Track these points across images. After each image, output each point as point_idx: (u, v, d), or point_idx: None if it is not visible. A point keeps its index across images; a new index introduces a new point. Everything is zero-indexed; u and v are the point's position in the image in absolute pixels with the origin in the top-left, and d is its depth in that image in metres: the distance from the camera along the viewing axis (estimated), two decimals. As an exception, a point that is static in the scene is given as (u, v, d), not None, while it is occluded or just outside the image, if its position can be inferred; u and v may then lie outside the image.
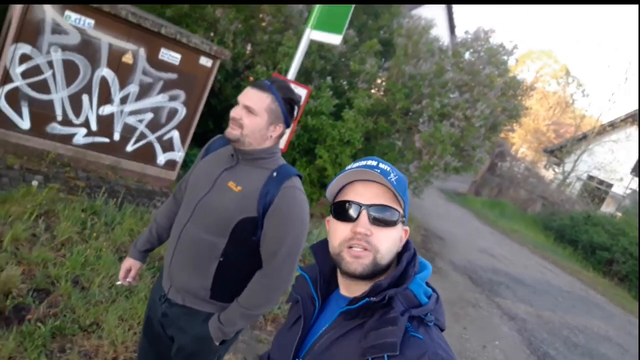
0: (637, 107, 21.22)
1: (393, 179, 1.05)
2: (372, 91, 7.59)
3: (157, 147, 5.36)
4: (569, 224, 14.87)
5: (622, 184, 20.27)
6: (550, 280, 10.07)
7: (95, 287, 3.19)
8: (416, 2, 12.95)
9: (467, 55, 7.66)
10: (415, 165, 7.11)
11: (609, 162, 20.16)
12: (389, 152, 7.27)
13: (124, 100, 4.97)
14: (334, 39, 3.44)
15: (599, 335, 7.54)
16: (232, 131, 1.72)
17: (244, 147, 1.74)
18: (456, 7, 25.66)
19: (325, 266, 1.15)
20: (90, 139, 4.95)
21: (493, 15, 64.97)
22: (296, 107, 1.80)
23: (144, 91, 5.02)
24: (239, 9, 7.17)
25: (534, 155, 29.58)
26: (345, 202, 1.07)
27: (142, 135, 5.22)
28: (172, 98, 5.23)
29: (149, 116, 5.17)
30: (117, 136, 5.09)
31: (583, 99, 34.64)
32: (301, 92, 3.84)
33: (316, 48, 6.97)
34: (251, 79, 7.33)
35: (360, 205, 1.04)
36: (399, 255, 1.09)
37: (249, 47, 7.56)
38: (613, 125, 21.48)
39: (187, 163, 6.18)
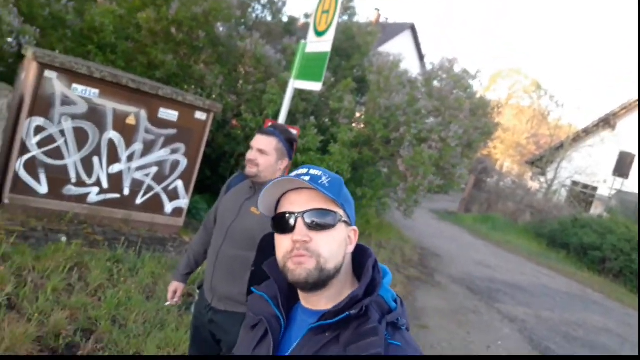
0: (606, 112, 22.18)
1: (325, 182, 1.06)
2: (353, 125, 8.20)
3: (164, 197, 5.82)
4: (558, 228, 15.39)
5: (607, 186, 20.94)
6: (546, 283, 10.48)
7: (131, 323, 3.60)
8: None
9: (435, 83, 8.32)
10: (402, 187, 7.64)
11: (588, 166, 20.89)
12: (375, 178, 7.82)
13: (130, 158, 5.46)
14: (315, 86, 3.99)
15: (598, 328, 7.93)
16: (250, 170, 2.24)
17: (260, 180, 2.26)
18: (423, 38, 26.69)
19: (282, 282, 1.13)
20: (102, 197, 5.41)
21: (460, 41, 67.24)
22: (295, 144, 2.33)
23: (148, 148, 5.53)
24: (222, 64, 7.80)
25: (519, 168, 30.34)
26: (281, 214, 1.08)
27: (150, 188, 5.69)
28: (174, 151, 5.73)
29: (154, 170, 5.65)
30: (126, 191, 5.55)
31: (557, 109, 35.77)
32: (292, 132, 4.38)
33: (298, 92, 7.58)
34: (234, 123, 7.87)
35: (294, 213, 1.05)
36: (361, 263, 1.10)
37: (235, 98, 8.15)
38: (587, 131, 22.36)
39: (190, 210, 6.64)
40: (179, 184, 5.88)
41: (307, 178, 1.05)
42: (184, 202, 5.97)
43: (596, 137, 21.64)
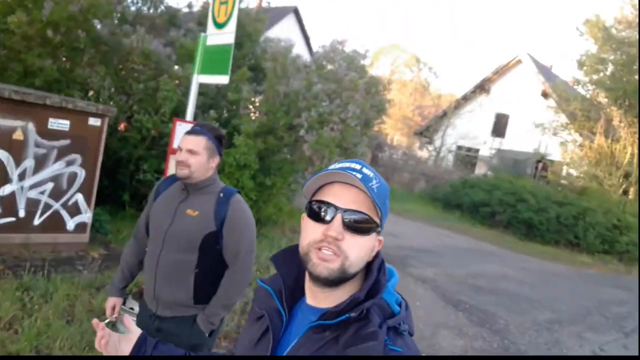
0: (482, 78, 24.08)
1: (374, 186, 1.02)
2: (255, 114, 8.17)
3: (65, 214, 5.44)
4: (450, 191, 16.60)
5: (487, 147, 22.83)
6: (447, 243, 11.31)
7: (57, 350, 3.39)
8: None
9: (329, 66, 8.51)
10: (310, 172, 7.79)
11: (470, 130, 22.62)
12: (283, 166, 7.88)
13: (22, 177, 5.02)
14: (222, 79, 3.94)
15: (498, 276, 8.76)
16: (182, 172, 2.21)
17: (192, 181, 2.23)
18: (306, 21, 26.97)
19: (288, 276, 1.12)
20: (-4, 222, 4.94)
21: (342, 22, 68.84)
22: (223, 140, 2.32)
23: (40, 163, 5.12)
24: (107, 64, 7.36)
25: (408, 140, 32.04)
26: (321, 202, 1.04)
27: (47, 206, 5.29)
28: (69, 163, 5.36)
29: (49, 186, 5.25)
30: (22, 213, 5.12)
31: (436, 80, 38.14)
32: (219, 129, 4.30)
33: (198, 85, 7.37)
34: (122, 127, 7.53)
35: (336, 208, 1.01)
36: (368, 264, 1.08)
37: (125, 99, 7.74)
38: (466, 98, 24.15)
39: (93, 224, 6.26)
40: (79, 197, 5.53)
41: (359, 176, 1.01)
42: (86, 216, 5.63)
43: (474, 103, 23.45)
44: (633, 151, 15.58)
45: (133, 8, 9.08)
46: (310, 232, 1.03)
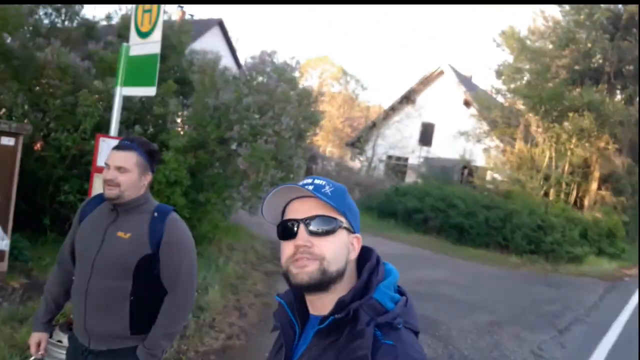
0: (407, 89, 24.80)
1: (327, 191, 1.11)
2: (184, 129, 7.85)
3: (-24, 243, 4.91)
4: (384, 200, 16.82)
5: (415, 155, 23.48)
6: (384, 250, 11.18)
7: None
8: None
9: (259, 78, 8.36)
10: (245, 186, 7.56)
11: (399, 140, 23.19)
12: (217, 181, 7.60)
13: None
14: (148, 91, 3.69)
15: (437, 280, 8.89)
16: (111, 192, 1.98)
17: (124, 200, 2.00)
18: (232, 33, 26.72)
19: (299, 290, 1.16)
20: None
21: (268, 34, 68.97)
22: (155, 154, 2.11)
23: (-56, 188, 4.59)
24: (20, 80, 6.81)
25: (339, 151, 32.39)
26: (284, 222, 1.13)
27: (-46, 235, 4.75)
28: (-22, 187, 4.85)
29: (-44, 213, 4.72)
30: None
31: (364, 92, 38.99)
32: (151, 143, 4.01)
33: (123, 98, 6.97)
34: (38, 146, 7.01)
35: (297, 220, 1.09)
36: (360, 266, 1.14)
37: (41, 116, 7.20)
38: (394, 109, 24.79)
39: (12, 251, 5.71)
40: (-7, 224, 5.02)
41: (310, 187, 1.10)
42: (3, 243, 5.11)
43: (402, 113, 24.10)
44: (551, 155, 16.53)
45: (46, 21, 8.52)
46: (284, 250, 1.11)
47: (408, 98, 24.63)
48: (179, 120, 7.93)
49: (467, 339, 5.90)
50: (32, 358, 2.18)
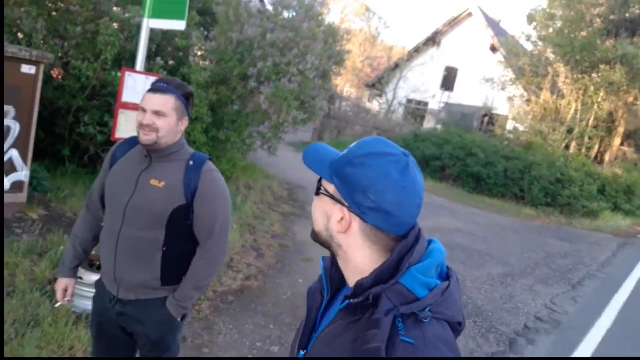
0: (433, 30, 23.92)
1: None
2: (205, 63, 7.64)
3: (-2, 172, 4.92)
4: (402, 145, 16.44)
5: (436, 100, 22.98)
6: (401, 197, 11.35)
7: (-3, 328, 3.05)
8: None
9: (285, 14, 8.04)
10: (267, 125, 7.45)
11: (421, 83, 22.62)
12: (238, 119, 7.48)
13: (-56, 130, 4.45)
14: (178, 25, 3.53)
15: (451, 229, 8.90)
16: (147, 137, 1.88)
17: (161, 147, 1.92)
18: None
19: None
20: None
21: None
22: (191, 99, 2.00)
23: (-34, 115, 4.55)
24: (40, 5, 6.60)
25: (358, 91, 31.82)
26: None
27: (-23, 164, 4.75)
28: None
29: (-22, 141, 4.71)
30: (-53, 171, 4.57)
31: (387, 30, 37.72)
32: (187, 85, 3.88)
33: (136, 31, 6.77)
34: (56, 73, 6.90)
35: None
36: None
37: (61, 43, 7.04)
38: (418, 50, 24.01)
39: (31, 182, 5.74)
40: (14, 154, 5.00)
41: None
42: (23, 174, 5.12)
43: (425, 55, 23.34)
44: (577, 107, 16.05)
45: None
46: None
47: (433, 40, 23.78)
48: (200, 53, 7.71)
49: (480, 289, 5.95)
50: (59, 304, 2.16)
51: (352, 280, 1.01)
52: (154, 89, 1.93)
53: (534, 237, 9.69)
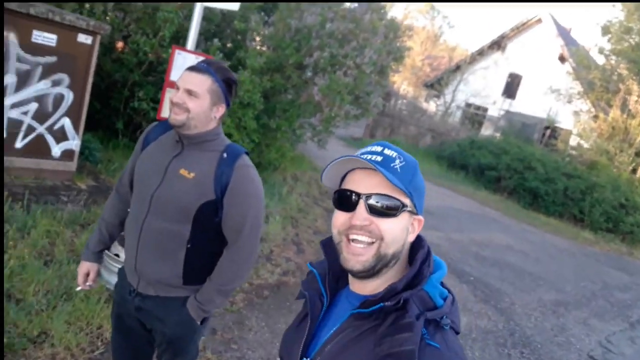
0: (499, 34, 23.00)
1: (397, 166, 1.00)
2: (262, 48, 7.50)
3: (50, 139, 4.92)
4: (457, 150, 16.07)
5: (496, 107, 22.13)
6: (450, 204, 10.93)
7: (30, 297, 2.99)
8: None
9: (346, 3, 7.78)
10: (318, 118, 7.23)
11: (482, 88, 21.81)
12: (290, 108, 7.29)
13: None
14: (231, 5, 3.36)
15: (502, 246, 8.41)
16: (176, 117, 1.70)
17: (190, 131, 1.73)
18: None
19: (334, 261, 1.08)
20: (-32, 142, 4.43)
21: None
22: (234, 86, 1.80)
23: (23, 80, 4.53)
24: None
25: (415, 90, 31.13)
26: (344, 191, 1.03)
27: (31, 129, 4.75)
28: (56, 83, 4.78)
29: (33, 106, 4.70)
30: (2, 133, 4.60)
31: (450, 30, 36.76)
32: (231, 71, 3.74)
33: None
34: (120, 46, 6.90)
35: (358, 195, 1.00)
36: (412, 255, 1.05)
37: (122, 16, 7.05)
38: (481, 53, 23.14)
39: (82, 151, 5.77)
40: (66, 122, 4.99)
41: (379, 159, 1.00)
42: (74, 143, 5.11)
43: (489, 59, 22.48)
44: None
45: None
46: (338, 219, 1.03)
47: (498, 44, 22.83)
48: (257, 39, 7.56)
49: (530, 316, 5.50)
50: (79, 288, 2.02)
51: (367, 288, 1.03)
52: (192, 67, 1.74)
53: (591, 264, 9.06)
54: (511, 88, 22.35)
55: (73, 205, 4.59)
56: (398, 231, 1.00)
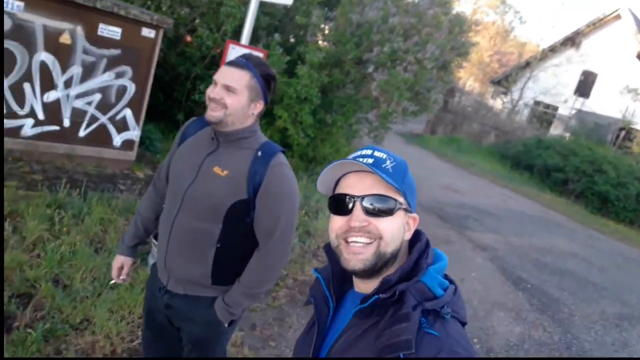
0: (573, 30, 21.79)
1: (389, 166, 1.03)
2: (322, 43, 7.47)
3: (111, 129, 5.14)
4: (522, 150, 15.42)
5: (567, 106, 21.02)
6: (512, 206, 10.51)
7: (77, 283, 3.11)
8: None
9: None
10: (375, 113, 7.13)
11: (553, 86, 20.76)
12: (347, 103, 7.24)
13: (68, 84, 4.70)
14: (286, 0, 3.33)
15: (565, 252, 7.98)
16: (213, 113, 1.68)
17: (226, 128, 1.71)
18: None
19: (337, 265, 1.10)
20: (39, 129, 4.69)
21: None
22: (273, 83, 1.76)
23: (88, 71, 4.76)
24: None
25: (481, 86, 30.11)
26: (339, 195, 1.05)
27: (94, 118, 4.99)
28: (119, 75, 4.98)
29: (97, 97, 4.92)
30: (67, 122, 4.84)
31: (521, 26, 35.25)
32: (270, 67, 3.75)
33: (259, 5, 6.73)
34: (186, 40, 7.05)
35: (353, 197, 1.02)
36: (410, 247, 1.07)
37: (188, 11, 7.23)
38: (554, 50, 22.01)
39: (143, 141, 5.98)
40: (128, 112, 5.19)
41: (370, 161, 1.02)
42: (134, 133, 5.31)
43: (561, 56, 21.35)
44: None
45: None
46: (335, 224, 1.05)
47: (572, 40, 21.61)
48: (319, 34, 7.54)
49: (590, 329, 5.20)
50: (113, 282, 2.06)
51: (372, 286, 1.04)
52: (231, 62, 1.71)
53: (663, 277, 8.43)
54: (585, 86, 21.13)
55: (129, 193, 4.77)
56: (396, 229, 1.02)
